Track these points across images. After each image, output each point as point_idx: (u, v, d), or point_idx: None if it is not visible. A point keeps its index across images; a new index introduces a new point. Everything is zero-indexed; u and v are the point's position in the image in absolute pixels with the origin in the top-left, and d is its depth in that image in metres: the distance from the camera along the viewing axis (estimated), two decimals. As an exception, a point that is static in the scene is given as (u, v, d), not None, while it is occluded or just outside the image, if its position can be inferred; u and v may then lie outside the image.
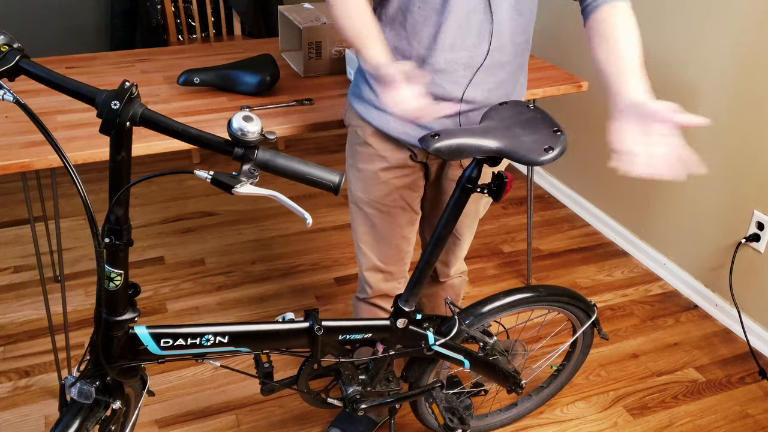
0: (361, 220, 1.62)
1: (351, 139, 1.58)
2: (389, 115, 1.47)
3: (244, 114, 0.97)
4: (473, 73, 1.41)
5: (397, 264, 1.69)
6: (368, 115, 1.50)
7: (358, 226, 1.64)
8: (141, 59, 2.24)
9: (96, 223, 1.01)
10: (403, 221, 1.62)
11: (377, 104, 1.48)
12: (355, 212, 1.63)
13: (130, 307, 1.17)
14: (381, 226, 1.61)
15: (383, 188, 1.56)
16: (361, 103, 1.52)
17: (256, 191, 0.98)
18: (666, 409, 2.04)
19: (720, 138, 2.28)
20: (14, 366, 2.09)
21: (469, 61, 1.39)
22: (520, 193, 3.16)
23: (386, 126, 1.48)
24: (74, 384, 1.17)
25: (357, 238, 1.67)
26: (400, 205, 1.59)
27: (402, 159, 1.53)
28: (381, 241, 1.64)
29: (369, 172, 1.55)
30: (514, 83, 1.49)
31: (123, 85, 0.99)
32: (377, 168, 1.54)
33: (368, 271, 1.68)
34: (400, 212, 1.61)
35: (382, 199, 1.57)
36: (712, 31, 2.23)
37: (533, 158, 1.26)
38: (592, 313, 1.72)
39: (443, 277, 1.82)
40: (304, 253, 2.66)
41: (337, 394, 1.57)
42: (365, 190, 1.57)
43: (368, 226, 1.62)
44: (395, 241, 1.64)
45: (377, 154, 1.52)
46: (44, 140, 1.68)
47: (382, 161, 1.53)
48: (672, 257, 2.57)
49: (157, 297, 2.41)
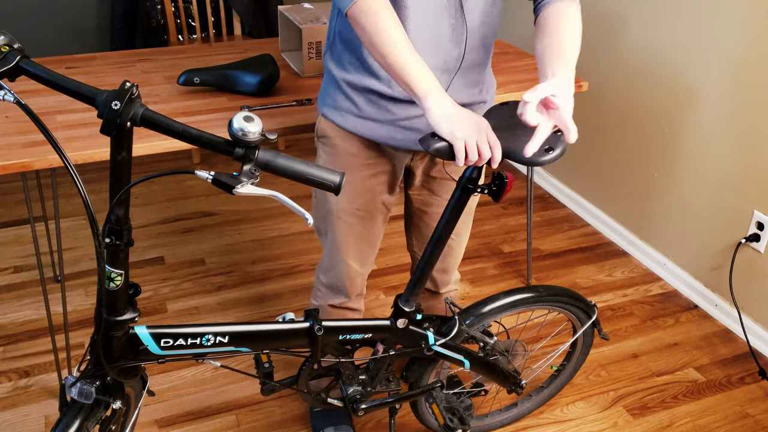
0: (343, 229, 1.60)
1: (329, 151, 1.54)
2: (372, 122, 1.45)
3: (245, 114, 0.97)
4: (451, 78, 1.43)
5: (371, 262, 1.71)
6: (348, 125, 1.47)
7: (340, 236, 1.61)
8: (141, 59, 2.24)
9: (96, 223, 1.01)
10: (380, 221, 1.64)
11: (356, 112, 1.45)
12: (336, 224, 1.60)
13: (131, 307, 1.17)
14: (363, 231, 1.61)
15: (368, 195, 1.55)
16: (338, 113, 1.48)
17: (257, 191, 0.98)
18: (666, 409, 2.04)
19: (720, 138, 2.28)
20: (14, 366, 2.09)
21: (444, 65, 1.40)
22: (520, 193, 3.16)
23: (371, 133, 1.46)
24: (74, 384, 1.17)
25: (338, 249, 1.63)
26: (380, 209, 1.60)
27: (386, 163, 1.53)
28: (362, 245, 1.64)
29: (355, 182, 1.53)
30: (486, 79, 1.52)
31: (123, 86, 0.99)
32: (363, 176, 1.53)
33: (350, 277, 1.68)
34: (380, 215, 1.62)
35: (365, 206, 1.57)
36: (711, 32, 2.23)
37: (534, 159, 1.26)
38: (593, 314, 1.72)
39: (443, 287, 1.82)
40: (304, 253, 2.66)
41: (337, 394, 1.57)
42: (350, 200, 1.55)
43: (351, 234, 1.61)
44: (375, 242, 1.66)
45: (362, 163, 1.51)
46: (44, 140, 1.68)
47: (366, 168, 1.52)
48: (672, 257, 2.57)
49: (157, 297, 2.41)
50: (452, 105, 1.23)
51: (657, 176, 2.56)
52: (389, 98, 1.42)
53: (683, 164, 2.44)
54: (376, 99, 1.43)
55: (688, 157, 2.41)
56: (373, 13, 1.23)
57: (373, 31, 1.23)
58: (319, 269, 1.76)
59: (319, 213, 1.65)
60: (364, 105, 1.44)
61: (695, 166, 2.40)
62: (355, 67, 1.42)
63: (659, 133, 2.51)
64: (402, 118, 1.44)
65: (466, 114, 1.23)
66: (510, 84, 2.12)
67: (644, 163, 2.61)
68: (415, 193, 1.64)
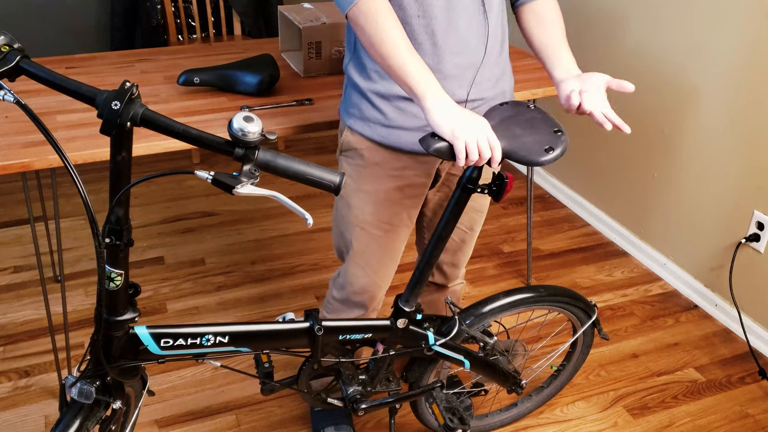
0: (366, 241, 1.58)
1: (353, 162, 1.51)
2: (401, 130, 1.43)
3: (245, 114, 0.97)
4: (475, 74, 1.42)
5: (392, 276, 1.68)
6: (375, 135, 1.45)
7: (361, 249, 1.59)
8: (141, 59, 2.24)
9: (96, 223, 1.01)
10: (404, 236, 1.62)
11: (384, 122, 1.43)
12: (359, 236, 1.57)
13: (131, 307, 1.17)
14: (387, 244, 1.59)
15: (393, 207, 1.53)
16: (364, 123, 1.46)
17: (257, 191, 0.98)
18: (666, 409, 2.04)
19: (720, 138, 2.28)
20: (14, 366, 2.09)
21: (471, 62, 1.40)
22: (520, 193, 3.16)
23: (399, 141, 1.44)
24: (74, 384, 1.17)
25: (360, 262, 1.61)
26: (406, 223, 1.58)
27: (414, 174, 1.50)
28: (385, 259, 1.61)
29: (379, 194, 1.51)
30: (506, 74, 1.53)
31: (123, 86, 0.99)
32: (389, 187, 1.50)
33: (371, 292, 1.66)
34: (405, 229, 1.60)
35: (390, 219, 1.55)
36: (711, 32, 2.23)
37: (534, 158, 1.26)
38: (593, 313, 1.72)
39: (452, 281, 1.82)
40: (304, 253, 2.66)
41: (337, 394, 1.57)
42: (374, 212, 1.53)
43: (375, 246, 1.59)
44: (397, 256, 1.64)
45: (389, 174, 1.49)
46: (44, 140, 1.68)
47: (393, 180, 1.50)
48: (672, 257, 2.57)
49: (157, 297, 2.41)
50: (452, 105, 1.23)
51: (657, 176, 2.56)
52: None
53: (683, 164, 2.44)
54: (404, 105, 1.41)
55: (688, 157, 2.41)
56: (372, 14, 1.23)
57: (372, 32, 1.24)
58: (334, 282, 1.72)
59: (338, 229, 1.62)
60: (392, 113, 1.42)
61: (695, 166, 2.40)
62: (380, 74, 1.40)
63: (659, 133, 2.51)
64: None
65: (465, 114, 1.23)
66: (510, 84, 2.11)
67: (644, 163, 2.61)
68: (434, 191, 1.63)
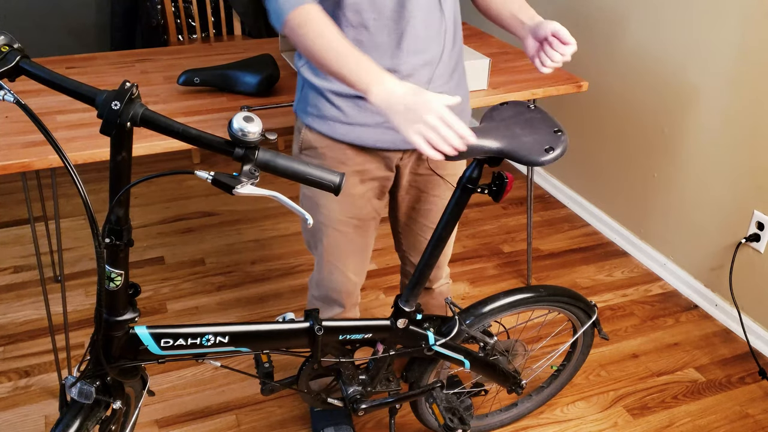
0: (336, 240, 1.58)
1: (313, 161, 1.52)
2: (360, 127, 1.43)
3: (245, 114, 0.97)
4: (433, 71, 1.43)
5: (365, 270, 1.69)
6: (335, 132, 1.44)
7: (336, 247, 1.59)
8: (141, 59, 2.24)
9: (96, 223, 1.01)
10: (373, 228, 1.63)
11: (343, 119, 1.43)
12: (331, 235, 1.58)
13: (131, 307, 1.17)
14: (359, 240, 1.60)
15: (360, 202, 1.54)
16: (323, 121, 1.45)
17: (257, 192, 0.98)
18: (666, 409, 2.04)
19: (720, 138, 2.28)
20: (14, 366, 2.09)
21: (429, 59, 1.41)
22: (520, 193, 3.16)
23: (359, 138, 1.44)
24: (74, 384, 1.17)
25: (333, 260, 1.62)
26: (373, 216, 1.60)
27: (376, 168, 1.51)
28: (358, 254, 1.63)
29: (347, 191, 1.52)
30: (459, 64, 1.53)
31: (123, 86, 0.99)
32: (354, 183, 1.51)
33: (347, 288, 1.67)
34: (372, 222, 1.61)
35: (359, 214, 1.56)
36: (711, 32, 2.23)
37: (534, 159, 1.26)
38: (593, 314, 1.72)
39: (436, 282, 1.82)
40: (304, 253, 2.66)
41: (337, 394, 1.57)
42: (343, 210, 1.54)
43: (347, 243, 1.60)
44: (368, 250, 1.66)
45: (351, 170, 1.50)
46: (44, 140, 1.68)
47: (356, 176, 1.51)
48: (672, 257, 2.57)
49: (157, 297, 2.41)
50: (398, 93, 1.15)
51: (657, 176, 2.56)
52: None
53: (683, 164, 2.44)
54: (363, 102, 1.41)
55: (688, 157, 2.41)
56: (303, 26, 1.22)
57: (304, 45, 1.23)
58: (311, 282, 1.74)
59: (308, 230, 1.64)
60: (350, 111, 1.42)
61: (695, 166, 2.40)
62: None
63: (659, 133, 2.51)
64: None
65: (412, 98, 1.14)
66: (510, 84, 2.12)
67: (644, 163, 2.61)
68: (403, 194, 1.63)
